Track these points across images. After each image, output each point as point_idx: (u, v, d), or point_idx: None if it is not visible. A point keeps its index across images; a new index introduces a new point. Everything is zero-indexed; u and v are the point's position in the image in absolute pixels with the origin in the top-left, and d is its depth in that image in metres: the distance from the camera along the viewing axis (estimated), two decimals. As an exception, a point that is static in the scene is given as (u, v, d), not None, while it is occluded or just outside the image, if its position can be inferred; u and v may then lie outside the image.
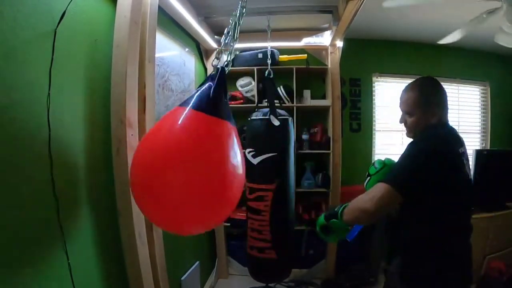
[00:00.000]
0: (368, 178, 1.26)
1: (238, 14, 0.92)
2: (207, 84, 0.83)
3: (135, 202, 0.77)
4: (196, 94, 0.80)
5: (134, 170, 0.77)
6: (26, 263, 0.82)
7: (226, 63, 0.89)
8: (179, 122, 0.75)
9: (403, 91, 1.15)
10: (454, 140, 1.05)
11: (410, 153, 1.00)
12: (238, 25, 0.94)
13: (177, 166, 0.71)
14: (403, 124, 1.16)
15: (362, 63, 2.93)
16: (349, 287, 2.46)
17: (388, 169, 1.18)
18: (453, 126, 1.13)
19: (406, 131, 1.17)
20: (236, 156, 0.79)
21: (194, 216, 0.76)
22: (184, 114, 0.76)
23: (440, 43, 2.09)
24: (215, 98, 0.80)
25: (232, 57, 0.92)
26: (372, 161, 1.28)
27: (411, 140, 1.13)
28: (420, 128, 1.09)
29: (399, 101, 1.16)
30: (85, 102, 1.09)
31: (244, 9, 0.97)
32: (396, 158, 1.13)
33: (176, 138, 0.73)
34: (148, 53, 1.26)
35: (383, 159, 1.26)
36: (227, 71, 0.87)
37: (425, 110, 1.07)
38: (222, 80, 0.82)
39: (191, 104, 0.77)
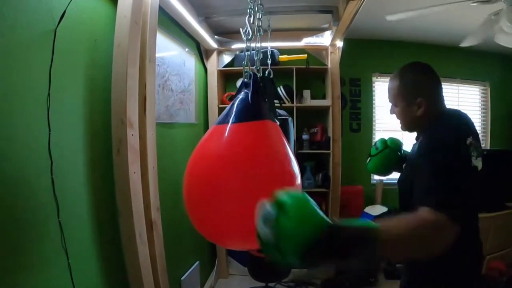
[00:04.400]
0: (369, 159, 1.22)
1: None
2: (242, 93, 0.84)
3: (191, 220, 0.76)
4: (235, 107, 0.80)
5: (190, 192, 0.76)
6: (26, 263, 0.82)
7: (257, 68, 0.93)
8: (224, 139, 0.74)
9: (390, 79, 1.07)
10: (460, 130, 0.86)
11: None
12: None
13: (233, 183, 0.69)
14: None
15: (362, 63, 2.93)
16: (349, 287, 2.46)
17: (390, 151, 1.16)
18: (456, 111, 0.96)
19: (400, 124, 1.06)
20: (281, 151, 0.78)
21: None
22: (227, 130, 0.75)
23: (462, 46, 2.08)
24: (255, 104, 0.81)
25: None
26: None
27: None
28: (409, 120, 0.99)
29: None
30: (85, 102, 1.09)
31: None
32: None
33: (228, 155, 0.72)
34: (148, 53, 1.26)
35: (385, 138, 1.22)
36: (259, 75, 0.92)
37: (408, 101, 0.96)
38: (257, 85, 0.85)
39: (231, 119, 0.77)
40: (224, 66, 2.56)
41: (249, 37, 0.88)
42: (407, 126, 1.03)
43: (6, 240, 0.77)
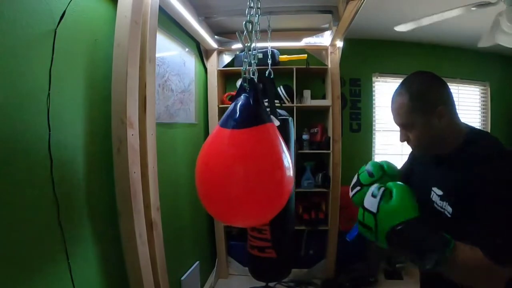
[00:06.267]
0: (358, 188, 0.97)
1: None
2: (243, 97, 0.86)
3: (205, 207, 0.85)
4: (238, 112, 0.84)
5: (202, 185, 0.84)
6: (26, 263, 0.82)
7: (253, 72, 0.90)
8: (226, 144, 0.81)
9: (392, 99, 0.86)
10: None
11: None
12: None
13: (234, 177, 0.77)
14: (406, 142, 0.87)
15: (362, 63, 2.93)
16: (349, 287, 2.46)
17: (390, 180, 0.85)
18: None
19: (413, 149, 0.88)
20: (278, 154, 0.82)
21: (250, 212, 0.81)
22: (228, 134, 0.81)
23: (398, 30, 2.00)
24: (255, 110, 0.84)
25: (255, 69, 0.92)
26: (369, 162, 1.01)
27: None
28: (431, 138, 0.81)
29: (391, 114, 0.87)
30: (85, 102, 1.09)
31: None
32: (394, 160, 1.00)
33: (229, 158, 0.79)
34: (148, 53, 1.27)
35: (378, 161, 0.99)
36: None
37: (426, 114, 0.79)
38: (256, 91, 0.86)
39: (234, 125, 0.82)
40: (224, 66, 2.56)
41: (249, 44, 0.88)
42: (429, 146, 0.83)
43: (6, 240, 0.77)
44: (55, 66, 0.92)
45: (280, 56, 2.44)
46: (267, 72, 1.69)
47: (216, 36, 2.36)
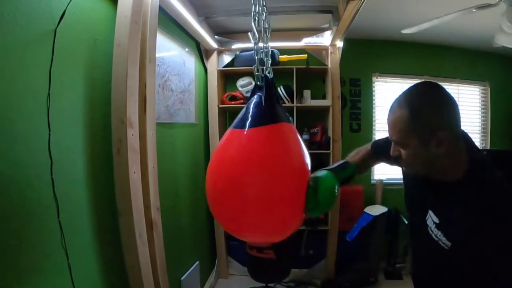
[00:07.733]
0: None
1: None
2: (257, 96, 0.84)
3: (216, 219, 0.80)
4: (251, 111, 0.81)
5: (214, 191, 0.79)
6: (26, 263, 0.82)
7: (268, 70, 0.89)
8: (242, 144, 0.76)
9: (390, 108, 0.77)
10: None
11: None
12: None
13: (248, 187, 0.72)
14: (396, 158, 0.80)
15: (362, 63, 2.92)
16: (349, 287, 2.46)
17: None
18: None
19: (403, 166, 0.83)
20: (295, 155, 0.79)
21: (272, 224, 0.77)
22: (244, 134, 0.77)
23: (405, 33, 2.04)
24: (269, 108, 0.80)
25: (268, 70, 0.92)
26: None
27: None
28: (425, 163, 0.74)
29: (387, 125, 0.79)
30: (85, 102, 1.09)
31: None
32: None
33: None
34: (148, 53, 1.27)
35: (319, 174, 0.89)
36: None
37: (424, 137, 0.71)
38: (271, 88, 0.84)
39: (249, 124, 0.78)
40: (224, 66, 2.56)
41: (256, 40, 0.88)
42: (420, 170, 0.77)
43: (6, 240, 0.77)
44: (55, 66, 0.92)
45: (280, 56, 2.44)
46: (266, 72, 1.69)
47: (216, 36, 2.36)
